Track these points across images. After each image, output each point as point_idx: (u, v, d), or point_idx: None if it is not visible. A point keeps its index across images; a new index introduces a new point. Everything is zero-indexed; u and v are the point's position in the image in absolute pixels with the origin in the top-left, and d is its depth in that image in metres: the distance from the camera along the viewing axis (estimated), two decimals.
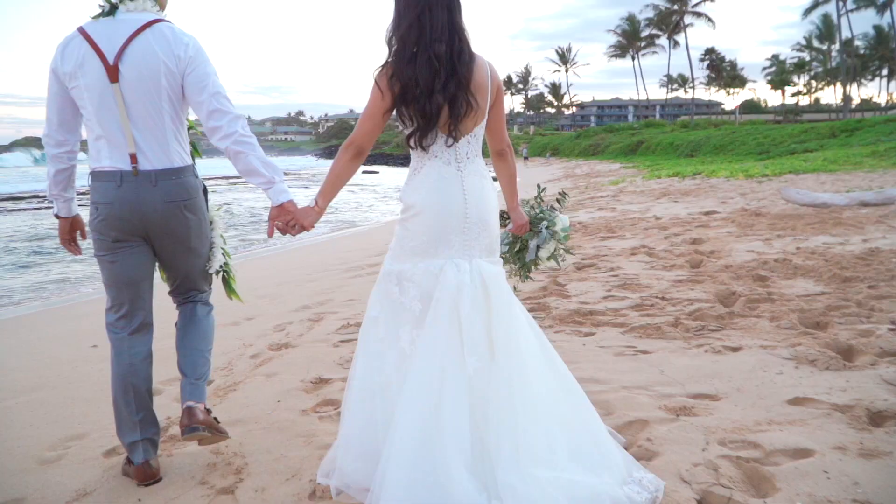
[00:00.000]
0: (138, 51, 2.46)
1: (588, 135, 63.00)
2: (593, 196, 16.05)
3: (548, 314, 4.78)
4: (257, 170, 2.51)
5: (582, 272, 6.27)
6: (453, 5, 2.33)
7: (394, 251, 2.50)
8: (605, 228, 9.21)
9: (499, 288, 2.37)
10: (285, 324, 5.34)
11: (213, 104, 2.50)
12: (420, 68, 2.27)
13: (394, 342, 2.41)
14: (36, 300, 7.94)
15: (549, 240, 2.87)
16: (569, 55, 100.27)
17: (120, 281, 2.64)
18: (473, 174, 2.43)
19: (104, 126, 2.49)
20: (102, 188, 2.53)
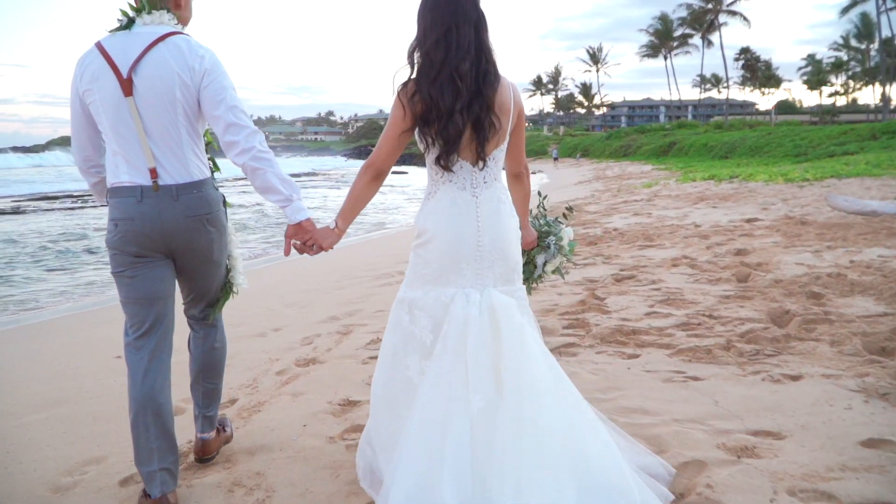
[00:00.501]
0: (152, 63, 2.40)
1: (619, 135, 62.26)
2: (627, 200, 15.69)
3: (587, 332, 4.53)
4: (275, 187, 2.45)
5: (621, 284, 6.00)
6: (480, 23, 2.28)
7: (408, 277, 2.45)
8: (642, 236, 8.90)
9: (509, 320, 2.27)
10: (313, 336, 5.16)
11: (230, 118, 2.43)
12: (443, 88, 2.22)
13: (403, 370, 2.37)
14: (63, 303, 7.87)
15: (556, 255, 2.86)
16: (600, 55, 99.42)
17: (140, 297, 2.54)
18: (490, 200, 2.37)
19: (120, 141, 2.44)
20: (122, 204, 2.46)
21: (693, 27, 75.80)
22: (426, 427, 2.19)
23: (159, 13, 2.51)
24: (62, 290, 8.53)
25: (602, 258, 7.35)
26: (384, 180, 2.43)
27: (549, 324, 4.73)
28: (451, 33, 2.23)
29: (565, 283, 6.14)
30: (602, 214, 12.61)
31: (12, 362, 5.14)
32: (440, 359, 2.25)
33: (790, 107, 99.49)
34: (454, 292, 2.32)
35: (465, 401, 2.17)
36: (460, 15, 2.25)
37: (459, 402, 2.17)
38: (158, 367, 2.57)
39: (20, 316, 7.14)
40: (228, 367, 4.52)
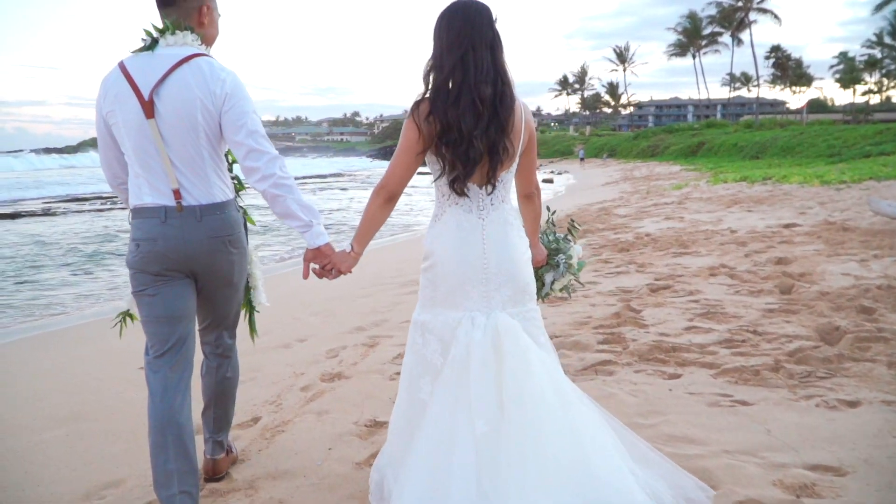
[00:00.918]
0: (174, 86, 2.39)
1: (646, 135, 61.59)
2: (657, 203, 15.37)
3: (624, 348, 4.33)
4: (295, 214, 2.43)
5: (657, 295, 5.78)
6: (496, 45, 2.26)
7: (419, 299, 2.46)
8: (676, 242, 8.63)
9: (513, 343, 2.25)
10: (339, 348, 5.02)
11: (251, 144, 2.40)
12: (464, 111, 2.19)
13: (416, 391, 2.38)
14: (89, 307, 7.82)
15: (564, 273, 2.83)
16: (627, 54, 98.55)
17: (161, 316, 2.51)
18: (497, 222, 2.35)
19: (143, 163, 2.43)
20: (145, 225, 2.44)
21: (722, 25, 74.89)
22: (433, 448, 2.19)
23: (183, 34, 2.47)
24: (88, 294, 8.49)
25: (635, 266, 7.12)
26: (396, 202, 2.40)
27: (584, 338, 4.53)
28: (468, 55, 2.21)
29: (598, 294, 5.94)
30: (632, 218, 12.33)
31: (37, 371, 5.07)
32: (447, 382, 2.25)
33: (822, 105, 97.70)
34: (461, 316, 2.32)
35: (470, 424, 2.16)
36: (476, 36, 2.23)
37: (464, 425, 2.17)
38: (178, 386, 2.52)
39: (46, 321, 7.10)
40: (252, 380, 4.43)
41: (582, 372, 3.98)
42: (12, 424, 3.88)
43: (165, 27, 2.46)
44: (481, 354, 2.22)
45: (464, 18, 2.24)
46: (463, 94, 2.20)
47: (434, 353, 2.34)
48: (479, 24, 2.23)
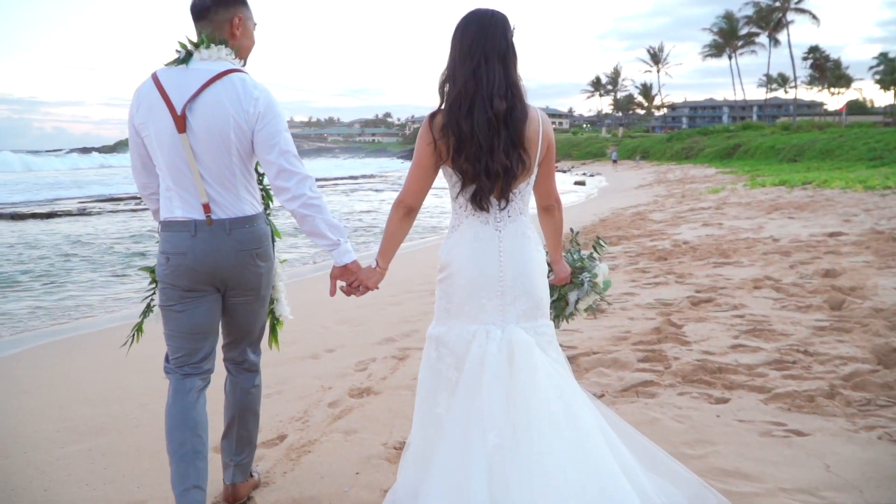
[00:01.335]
0: (207, 103, 2.39)
1: (680, 137, 60.78)
2: (693, 207, 15.03)
3: (666, 368, 4.11)
4: (324, 233, 2.46)
5: (699, 309, 5.54)
6: (509, 57, 2.24)
7: (435, 312, 2.44)
8: (716, 251, 8.35)
9: (526, 358, 2.23)
10: (368, 361, 4.88)
11: (282, 163, 2.42)
12: (479, 124, 2.18)
13: (433, 406, 2.35)
14: (119, 310, 7.77)
15: (589, 292, 2.75)
16: (661, 55, 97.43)
17: (187, 331, 2.55)
18: (513, 234, 2.33)
19: (174, 176, 2.45)
20: (175, 238, 2.46)
21: (759, 26, 73.66)
22: (450, 464, 2.17)
23: (217, 48, 2.46)
24: (117, 297, 8.46)
25: (674, 276, 6.87)
26: (416, 216, 2.41)
27: (623, 356, 4.33)
28: (480, 68, 2.20)
29: (637, 306, 5.72)
30: (669, 224, 12.04)
31: (64, 379, 5.01)
32: (462, 396, 2.23)
33: (861, 107, 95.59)
34: (476, 329, 2.30)
35: (483, 438, 2.14)
36: (489, 47, 2.21)
37: (478, 439, 2.15)
38: (197, 395, 2.59)
39: (73, 325, 7.06)
40: (279, 394, 4.31)
41: (622, 393, 3.78)
42: (36, 436, 3.81)
43: (200, 41, 2.45)
44: (495, 367, 2.20)
45: (477, 29, 2.22)
46: (476, 107, 2.18)
47: (449, 368, 2.32)
48: (492, 34, 2.22)
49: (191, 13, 2.52)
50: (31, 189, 32.63)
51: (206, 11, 2.48)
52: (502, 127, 2.20)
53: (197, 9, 2.50)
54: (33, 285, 9.26)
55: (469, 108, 2.19)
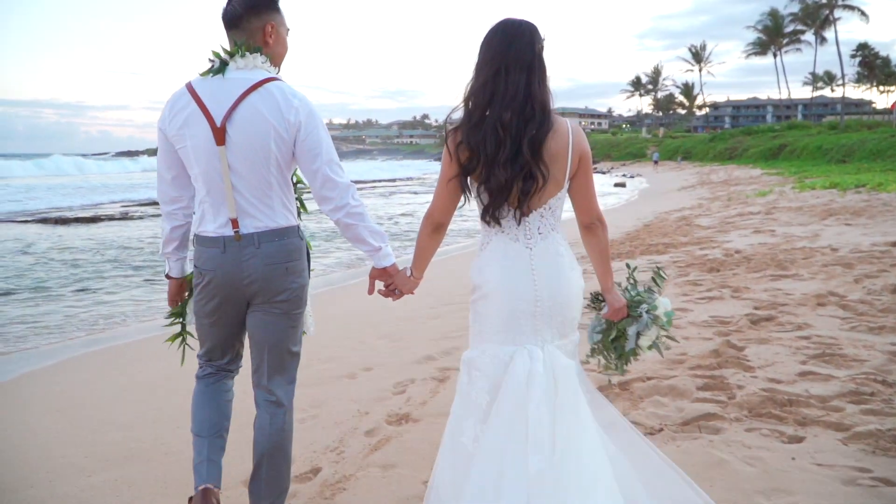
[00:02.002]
0: (246, 114, 2.34)
1: (723, 137, 59.62)
2: (742, 212, 14.50)
3: (730, 398, 3.79)
4: (366, 240, 2.48)
5: (759, 328, 5.18)
6: (534, 68, 2.16)
7: (469, 336, 2.38)
8: (772, 262, 7.90)
9: (568, 383, 2.20)
10: (406, 382, 4.65)
11: (326, 172, 2.40)
12: (487, 136, 2.13)
13: (458, 435, 2.26)
14: (154, 319, 7.65)
15: (650, 325, 2.47)
16: (703, 53, 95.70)
17: (215, 340, 2.63)
18: (546, 252, 2.25)
19: (209, 188, 2.41)
20: (206, 254, 2.46)
21: (805, 23, 71.95)
22: (482, 496, 2.10)
23: (253, 56, 2.41)
24: (151, 305, 8.35)
25: (730, 290, 6.48)
26: (445, 231, 2.40)
27: (681, 382, 4.01)
28: (499, 76, 2.14)
29: (691, 324, 5.38)
30: (717, 230, 11.58)
31: (97, 397, 4.89)
32: (496, 419, 2.16)
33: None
34: (513, 350, 2.23)
35: (523, 463, 2.07)
36: (512, 57, 2.14)
37: (516, 464, 2.08)
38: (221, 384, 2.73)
39: (107, 335, 6.95)
40: (314, 418, 4.10)
41: (683, 427, 3.47)
42: (63, 462, 3.67)
43: (235, 49, 2.40)
44: (544, 388, 2.15)
45: (502, 38, 2.17)
46: (486, 119, 2.14)
47: (480, 392, 2.24)
48: (518, 44, 2.15)
49: (223, 22, 2.46)
50: (80, 192, 33.08)
51: (239, 20, 2.42)
52: (508, 138, 2.12)
53: (229, 17, 2.43)
54: (66, 292, 9.24)
55: (479, 119, 2.15)
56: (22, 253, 12.80)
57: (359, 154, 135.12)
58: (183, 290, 2.75)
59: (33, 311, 8.13)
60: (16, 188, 35.09)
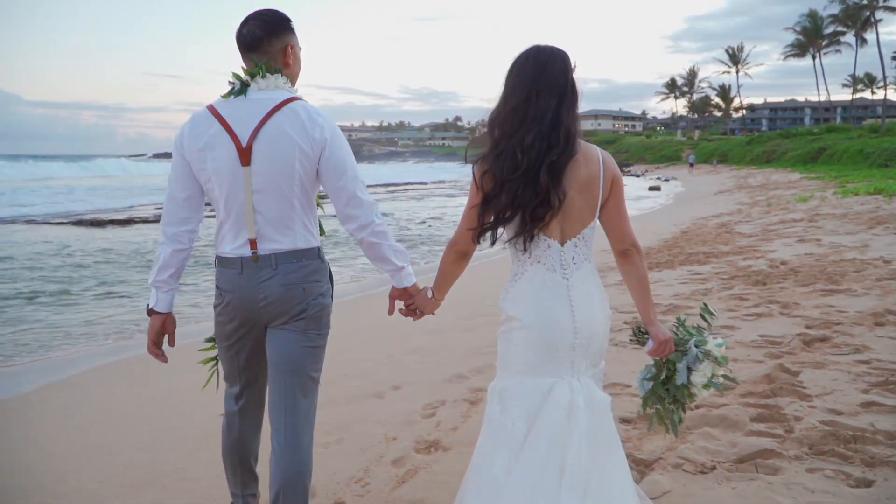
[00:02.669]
0: (272, 134, 2.34)
1: (761, 140, 58.53)
2: (783, 219, 14.02)
3: (787, 431, 3.48)
4: (389, 259, 2.48)
5: (814, 350, 4.84)
6: (566, 94, 2.12)
7: (499, 365, 2.32)
8: (821, 275, 7.49)
9: (606, 418, 2.18)
10: (437, 403, 4.41)
11: (351, 190, 2.39)
12: (503, 160, 2.10)
13: (488, 468, 2.16)
14: (182, 326, 7.51)
15: (702, 360, 2.30)
16: (740, 55, 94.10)
17: (234, 366, 2.60)
18: (582, 282, 2.22)
19: (230, 210, 2.40)
20: (225, 275, 2.45)
21: (846, 24, 70.46)
22: None
23: (274, 77, 2.41)
24: (182, 311, 8.22)
25: (778, 306, 6.12)
26: (470, 258, 2.38)
27: (732, 412, 3.72)
28: (529, 101, 2.10)
29: (739, 344, 5.07)
30: (760, 238, 11.16)
31: (117, 413, 4.77)
32: (531, 453, 2.10)
33: None
34: (553, 382, 2.18)
35: (556, 498, 2.03)
36: (544, 81, 2.11)
37: (549, 499, 2.04)
38: (248, 422, 2.69)
39: (134, 341, 6.83)
40: (338, 443, 3.88)
41: (737, 465, 3.18)
42: (78, 487, 3.55)
43: (256, 70, 2.40)
44: (586, 423, 2.11)
45: (534, 64, 2.13)
46: (508, 144, 2.10)
47: (517, 421, 2.16)
48: (549, 70, 2.12)
49: (240, 45, 2.44)
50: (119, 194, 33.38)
51: (260, 42, 2.41)
52: (525, 161, 2.08)
53: (248, 40, 2.42)
54: (91, 297, 9.19)
55: (503, 147, 2.11)
56: (50, 255, 12.85)
57: (391, 156, 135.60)
58: (166, 329, 2.55)
59: (56, 316, 8.08)
60: (58, 189, 35.59)
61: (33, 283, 9.95)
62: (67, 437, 4.32)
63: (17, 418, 4.76)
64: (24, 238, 15.84)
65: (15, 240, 15.47)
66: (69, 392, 5.38)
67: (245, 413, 2.67)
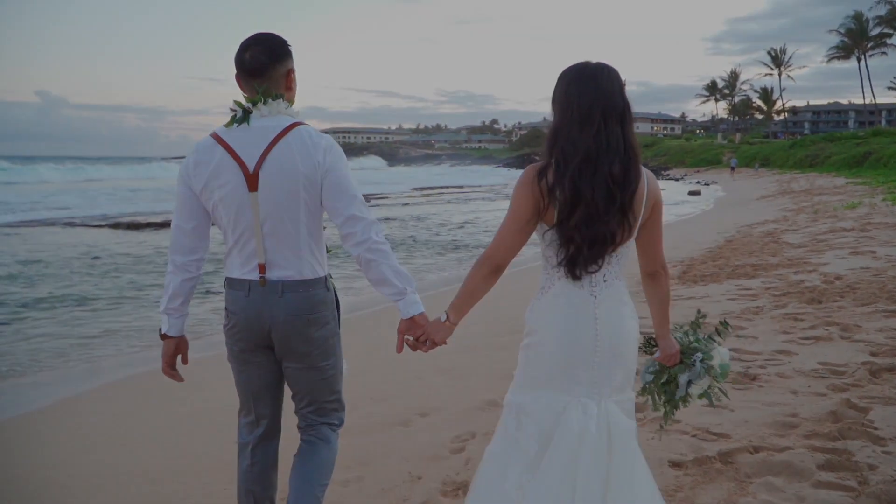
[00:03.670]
0: (278, 160, 2.37)
1: (804, 144, 57.02)
2: (833, 228, 13.38)
3: (861, 483, 3.06)
4: (389, 279, 2.40)
5: (881, 382, 4.36)
6: (626, 117, 2.12)
7: (516, 378, 2.31)
8: (881, 292, 6.91)
9: (626, 447, 2.12)
10: (467, 435, 4.09)
11: (350, 210, 2.39)
12: (597, 189, 2.06)
13: (499, 482, 2.16)
14: (196, 337, 7.26)
15: (702, 375, 2.41)
16: (783, 57, 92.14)
17: (246, 390, 2.61)
18: (610, 299, 2.19)
19: (238, 235, 2.43)
20: (233, 296, 2.49)
21: (892, 26, 68.82)
22: None
23: (276, 102, 2.43)
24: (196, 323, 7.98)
25: (837, 329, 5.64)
26: (501, 274, 2.27)
27: (797, 458, 3.31)
28: (601, 130, 2.07)
29: (797, 372, 4.64)
30: (810, 250, 10.60)
31: (131, 436, 4.57)
32: (546, 474, 2.09)
33: None
34: (568, 400, 2.16)
35: None
36: (609, 106, 2.09)
37: None
38: (261, 453, 2.63)
39: (145, 355, 6.60)
40: (358, 482, 3.55)
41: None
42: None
43: (258, 97, 2.41)
44: (595, 450, 2.07)
45: (595, 86, 2.09)
46: (599, 172, 2.06)
47: (530, 439, 2.16)
48: (609, 92, 2.09)
49: (242, 70, 2.44)
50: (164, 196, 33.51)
51: (264, 68, 2.42)
52: (618, 192, 2.08)
53: (252, 66, 2.42)
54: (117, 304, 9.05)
55: (593, 171, 2.06)
56: (77, 259, 12.84)
57: (427, 159, 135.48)
58: (179, 350, 2.64)
59: (79, 326, 7.95)
60: (102, 191, 35.81)
61: (58, 290, 9.85)
62: (76, 462, 4.13)
63: (27, 436, 4.59)
64: (55, 241, 15.93)
65: (46, 242, 15.57)
66: (85, 408, 5.20)
67: (259, 447, 2.64)
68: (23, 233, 17.63)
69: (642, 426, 3.89)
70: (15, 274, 11.12)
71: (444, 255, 13.94)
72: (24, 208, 24.56)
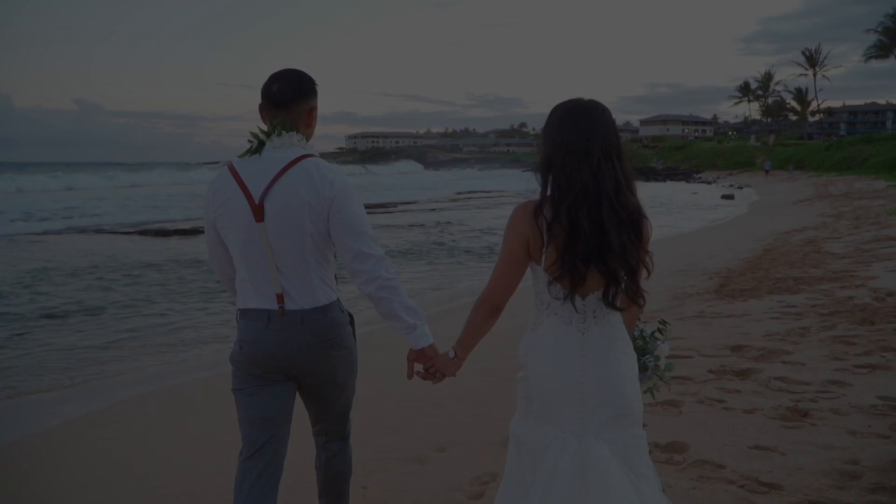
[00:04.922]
0: (283, 191, 2.40)
1: (840, 145, 55.68)
2: (878, 237, 12.75)
3: None
4: (400, 316, 2.44)
5: None
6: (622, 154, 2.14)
7: (517, 409, 2.32)
8: None
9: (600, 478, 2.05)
10: (486, 477, 3.75)
11: (359, 246, 2.41)
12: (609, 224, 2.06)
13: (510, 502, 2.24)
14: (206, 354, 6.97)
15: (651, 377, 2.44)
16: (817, 56, 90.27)
17: (257, 416, 2.52)
18: (600, 337, 2.17)
19: (249, 266, 2.46)
20: (249, 327, 2.48)
21: None
22: None
23: (289, 134, 2.46)
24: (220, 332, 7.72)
25: (894, 354, 5.19)
26: (501, 313, 2.29)
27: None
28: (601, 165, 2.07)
29: (853, 408, 4.19)
30: (855, 261, 10.01)
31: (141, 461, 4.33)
32: None
33: None
34: (553, 436, 2.15)
35: None
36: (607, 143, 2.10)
37: None
38: (263, 489, 2.52)
39: (160, 370, 6.34)
40: None
41: None
42: None
43: (272, 129, 2.46)
44: (567, 486, 2.06)
45: (589, 122, 2.11)
46: (604, 206, 2.06)
47: (525, 469, 2.21)
48: (604, 128, 2.11)
49: (267, 101, 2.51)
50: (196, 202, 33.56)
51: (289, 102, 2.48)
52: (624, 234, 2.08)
53: (277, 99, 2.48)
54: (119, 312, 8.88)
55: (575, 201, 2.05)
56: (95, 267, 12.71)
57: (455, 163, 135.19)
58: None
59: (88, 336, 7.76)
60: (134, 198, 35.96)
61: (71, 300, 9.69)
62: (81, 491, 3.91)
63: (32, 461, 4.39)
64: (80, 248, 15.87)
65: (70, 250, 15.51)
66: (96, 431, 4.96)
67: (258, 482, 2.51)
68: (47, 240, 17.63)
69: (681, 471, 3.51)
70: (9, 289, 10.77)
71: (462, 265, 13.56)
72: (60, 216, 24.64)
